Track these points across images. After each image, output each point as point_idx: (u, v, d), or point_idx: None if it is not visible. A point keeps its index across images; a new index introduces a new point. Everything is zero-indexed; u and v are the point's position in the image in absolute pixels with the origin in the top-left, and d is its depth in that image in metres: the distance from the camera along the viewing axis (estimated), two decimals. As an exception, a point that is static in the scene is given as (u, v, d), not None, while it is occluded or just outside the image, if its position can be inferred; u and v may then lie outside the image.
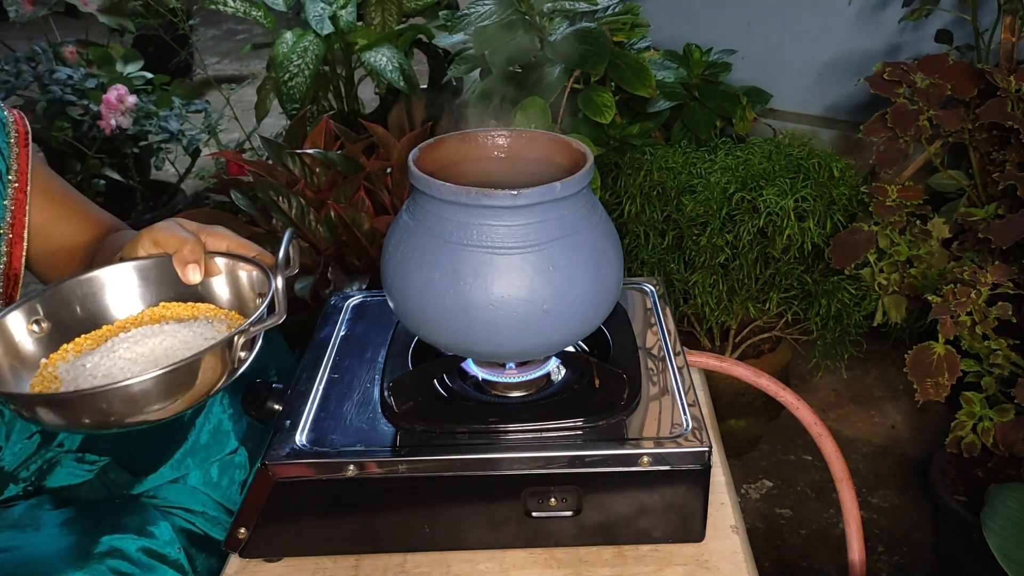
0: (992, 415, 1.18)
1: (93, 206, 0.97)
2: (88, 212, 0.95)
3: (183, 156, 2.41)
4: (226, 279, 0.77)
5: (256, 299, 0.75)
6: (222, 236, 0.78)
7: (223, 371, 0.65)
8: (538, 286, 0.66)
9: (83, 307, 0.75)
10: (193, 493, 0.87)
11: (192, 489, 0.87)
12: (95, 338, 0.73)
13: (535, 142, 0.76)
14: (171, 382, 0.62)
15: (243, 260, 0.76)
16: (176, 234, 0.75)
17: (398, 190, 1.55)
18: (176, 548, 0.79)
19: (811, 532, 1.56)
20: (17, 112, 0.91)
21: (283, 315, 0.68)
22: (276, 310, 0.68)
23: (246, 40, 4.69)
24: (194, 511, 0.86)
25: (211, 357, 0.63)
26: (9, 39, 2.41)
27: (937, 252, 1.29)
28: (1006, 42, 1.46)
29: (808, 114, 2.04)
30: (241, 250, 0.77)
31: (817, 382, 1.94)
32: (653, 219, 1.43)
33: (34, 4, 2.14)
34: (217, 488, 0.88)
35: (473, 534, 0.72)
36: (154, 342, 0.69)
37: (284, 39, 1.85)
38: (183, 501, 0.86)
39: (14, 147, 0.88)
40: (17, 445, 0.88)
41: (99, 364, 0.67)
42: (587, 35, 1.36)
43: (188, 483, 0.87)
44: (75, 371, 0.68)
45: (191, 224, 0.78)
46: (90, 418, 0.61)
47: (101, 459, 0.87)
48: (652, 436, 0.70)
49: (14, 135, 0.89)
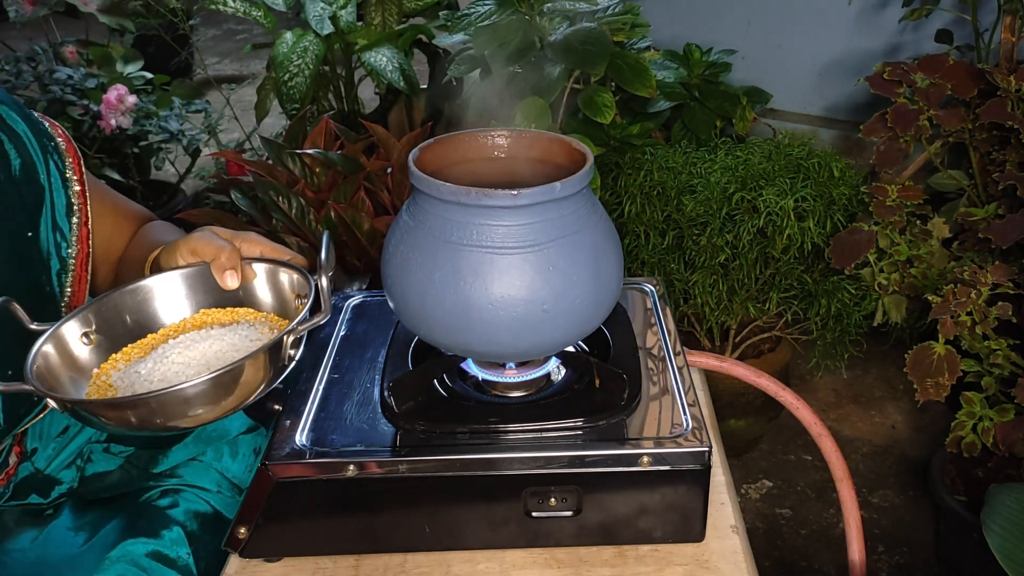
0: (992, 415, 1.18)
1: (129, 203, 0.97)
2: (125, 210, 0.96)
3: (183, 156, 2.41)
4: (265, 282, 0.79)
5: (295, 300, 0.77)
6: (255, 242, 0.80)
7: (274, 370, 0.67)
8: (538, 286, 0.66)
9: (131, 317, 0.77)
10: (207, 471, 0.90)
11: (206, 467, 0.90)
12: (142, 347, 0.75)
13: (535, 142, 0.76)
14: (228, 382, 0.64)
15: (278, 264, 0.79)
16: (213, 242, 0.77)
17: (398, 190, 1.55)
18: (186, 552, 0.81)
19: (811, 532, 1.56)
20: (64, 132, 0.87)
21: (328, 313, 0.70)
22: (322, 308, 0.70)
23: (246, 40, 4.69)
24: (208, 489, 0.88)
25: (264, 356, 0.65)
26: (9, 39, 2.41)
27: (937, 252, 1.29)
28: (1006, 42, 1.46)
29: (808, 114, 2.04)
30: (275, 254, 0.79)
31: (817, 382, 1.94)
32: (653, 219, 1.43)
33: (34, 4, 2.13)
34: (231, 465, 0.91)
35: (473, 534, 0.72)
36: (203, 347, 0.72)
37: (284, 39, 1.85)
38: (198, 480, 0.89)
39: (73, 180, 0.86)
40: (50, 445, 0.91)
41: (153, 370, 0.70)
42: (587, 35, 1.36)
43: (204, 461, 0.90)
44: (130, 378, 0.70)
45: (225, 232, 0.80)
46: (156, 419, 0.63)
47: (127, 449, 0.92)
48: (652, 436, 0.70)
49: (71, 166, 0.86)
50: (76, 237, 0.86)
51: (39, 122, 0.85)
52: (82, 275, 0.87)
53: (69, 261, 0.86)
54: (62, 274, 0.85)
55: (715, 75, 1.68)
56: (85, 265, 0.87)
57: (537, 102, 1.35)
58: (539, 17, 1.40)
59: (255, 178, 1.52)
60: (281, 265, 0.78)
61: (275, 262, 0.79)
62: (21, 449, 0.89)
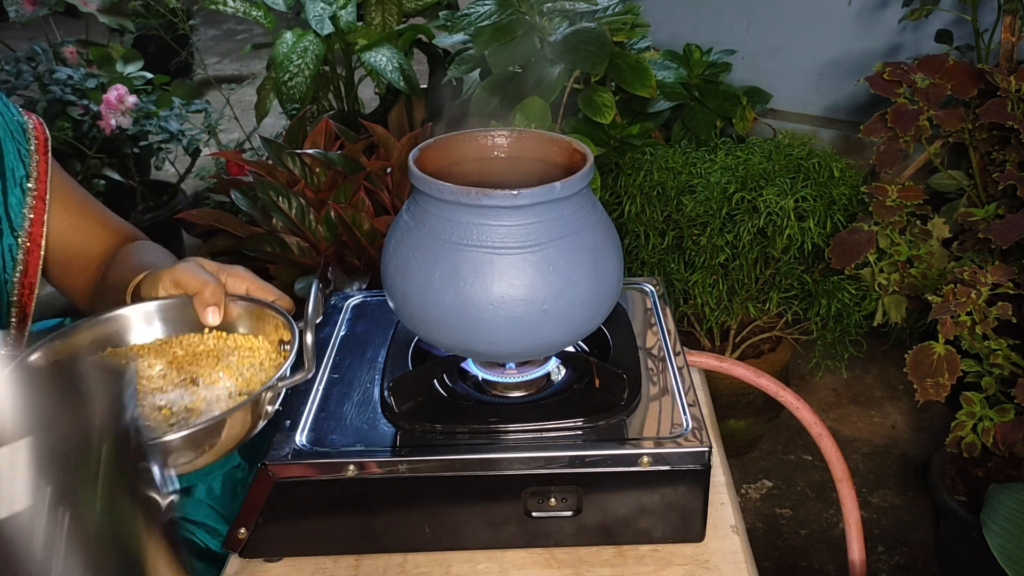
0: (992, 415, 1.18)
1: (110, 214, 0.97)
2: (106, 220, 0.95)
3: (183, 156, 2.41)
4: (248, 323, 0.76)
5: (278, 344, 0.74)
6: (242, 277, 0.77)
7: (250, 426, 0.65)
8: (538, 286, 0.66)
9: (103, 347, 0.74)
10: (198, 505, 0.88)
11: (197, 501, 0.88)
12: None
13: (535, 142, 0.76)
14: (203, 438, 0.62)
15: (262, 305, 0.75)
16: (197, 276, 0.74)
17: (398, 190, 1.55)
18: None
19: (811, 532, 1.56)
20: (37, 118, 0.91)
21: (311, 371, 0.67)
22: (305, 366, 0.67)
23: (246, 40, 4.69)
24: (197, 523, 0.87)
25: (239, 414, 0.63)
26: (9, 39, 2.41)
27: (937, 252, 1.29)
28: (1006, 42, 1.46)
29: (808, 114, 2.04)
30: (260, 293, 0.76)
31: (817, 382, 1.94)
32: (653, 219, 1.43)
33: (34, 4, 2.13)
34: (220, 501, 0.90)
35: (473, 534, 0.72)
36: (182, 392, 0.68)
37: (284, 39, 1.85)
38: (188, 512, 0.88)
39: (34, 154, 0.88)
40: None
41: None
42: (587, 35, 1.36)
43: (193, 496, 0.89)
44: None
45: (211, 265, 0.77)
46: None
47: None
48: (652, 436, 0.70)
49: (34, 142, 0.89)
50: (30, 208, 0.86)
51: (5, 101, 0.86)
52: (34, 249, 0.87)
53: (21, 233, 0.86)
54: (13, 246, 0.85)
55: (715, 75, 1.68)
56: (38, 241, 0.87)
57: (537, 102, 1.35)
58: (539, 17, 1.40)
59: (255, 178, 1.52)
60: (266, 306, 0.75)
61: (260, 303, 0.75)
62: None
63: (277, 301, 0.76)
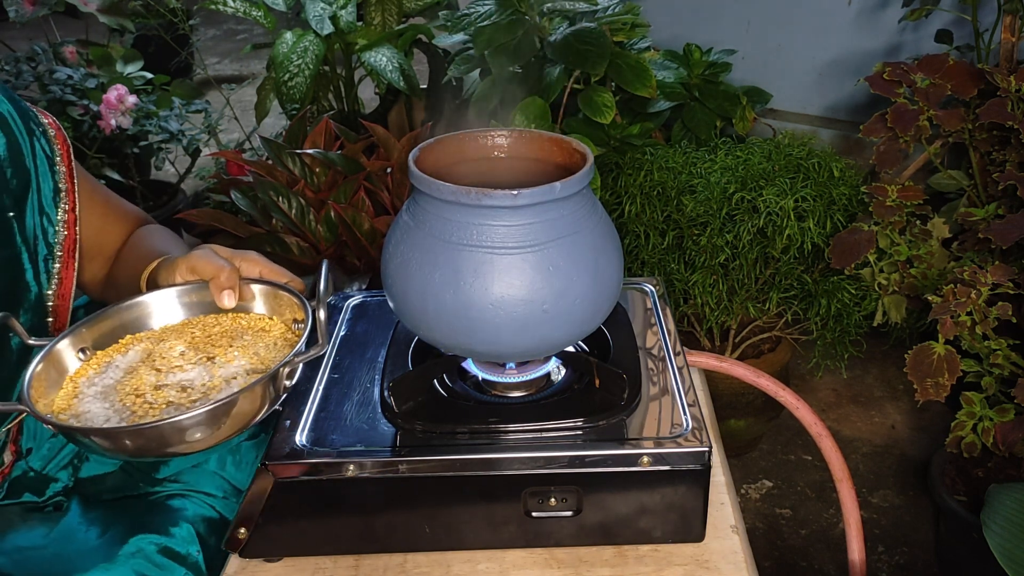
0: (992, 415, 1.18)
1: (122, 202, 0.98)
2: (124, 212, 0.96)
3: (183, 156, 2.41)
4: (263, 305, 0.80)
5: (292, 323, 0.77)
6: (255, 262, 0.81)
7: (267, 402, 0.67)
8: (538, 286, 0.66)
9: (127, 333, 0.77)
10: (212, 477, 0.89)
11: (212, 473, 0.90)
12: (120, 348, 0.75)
13: (535, 142, 0.76)
14: (222, 413, 0.64)
15: (276, 287, 0.79)
16: (212, 262, 0.77)
17: (398, 190, 1.55)
18: (196, 549, 0.81)
19: (811, 532, 1.56)
20: (52, 119, 0.89)
21: (325, 346, 0.70)
22: (319, 340, 0.70)
23: (246, 40, 4.69)
24: (213, 495, 0.88)
25: (260, 388, 0.66)
26: (9, 39, 2.41)
27: (937, 252, 1.29)
28: (1006, 42, 1.46)
29: (808, 114, 2.04)
30: (273, 276, 0.80)
31: (817, 382, 1.94)
32: (653, 219, 1.43)
33: (34, 4, 2.13)
34: (234, 473, 0.91)
35: (473, 534, 0.72)
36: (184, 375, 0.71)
37: (284, 39, 1.85)
38: (203, 485, 0.89)
39: (60, 165, 0.87)
40: (45, 446, 0.91)
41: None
42: (587, 35, 1.36)
43: (208, 468, 0.90)
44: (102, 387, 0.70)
45: (225, 251, 0.81)
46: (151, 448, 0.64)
47: None
48: (652, 436, 0.70)
49: (59, 152, 0.87)
50: (63, 223, 0.86)
51: (26, 106, 0.85)
52: (69, 261, 0.87)
53: (56, 247, 0.86)
54: (49, 260, 0.85)
55: (715, 75, 1.68)
56: (72, 252, 0.87)
57: (537, 102, 1.35)
58: (539, 17, 1.40)
59: (255, 178, 1.52)
60: (279, 288, 0.79)
61: (274, 284, 0.79)
62: (16, 448, 0.89)
63: (290, 283, 0.79)
